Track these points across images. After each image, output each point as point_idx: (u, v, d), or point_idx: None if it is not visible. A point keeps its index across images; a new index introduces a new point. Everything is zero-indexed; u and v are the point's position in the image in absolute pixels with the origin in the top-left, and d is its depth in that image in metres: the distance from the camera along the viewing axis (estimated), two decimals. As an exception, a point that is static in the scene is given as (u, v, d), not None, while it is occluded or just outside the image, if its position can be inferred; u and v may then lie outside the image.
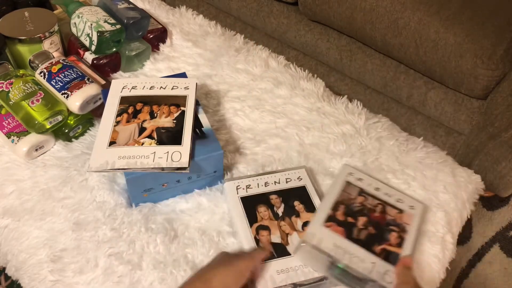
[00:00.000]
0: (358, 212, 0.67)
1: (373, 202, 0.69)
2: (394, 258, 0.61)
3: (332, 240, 0.62)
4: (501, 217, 1.22)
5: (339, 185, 0.71)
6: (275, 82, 0.91)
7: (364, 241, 0.63)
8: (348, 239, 0.63)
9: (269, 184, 0.71)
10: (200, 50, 0.97)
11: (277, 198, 0.69)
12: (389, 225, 0.66)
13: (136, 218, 0.68)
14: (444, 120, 1.11)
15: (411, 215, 0.68)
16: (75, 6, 0.86)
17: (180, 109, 0.71)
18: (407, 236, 0.65)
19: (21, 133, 0.74)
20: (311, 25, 1.25)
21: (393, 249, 0.63)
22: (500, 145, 0.99)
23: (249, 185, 0.70)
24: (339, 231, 0.64)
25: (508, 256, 1.15)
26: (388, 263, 0.60)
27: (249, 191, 0.69)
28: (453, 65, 0.97)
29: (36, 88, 0.75)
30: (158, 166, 0.63)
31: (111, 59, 0.88)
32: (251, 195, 0.69)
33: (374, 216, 0.67)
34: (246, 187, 0.70)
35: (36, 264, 0.64)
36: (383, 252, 0.62)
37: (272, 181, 0.71)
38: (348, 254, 0.60)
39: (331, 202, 0.68)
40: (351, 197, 0.69)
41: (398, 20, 1.00)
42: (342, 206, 0.67)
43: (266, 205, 0.68)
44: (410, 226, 0.66)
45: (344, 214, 0.66)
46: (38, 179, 0.72)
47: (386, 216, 0.67)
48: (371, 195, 0.70)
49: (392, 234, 0.64)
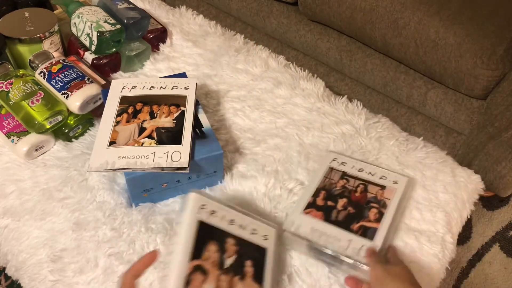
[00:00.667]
0: (339, 195, 0.70)
1: (355, 183, 0.71)
2: (372, 233, 0.63)
3: (309, 225, 0.65)
4: (501, 217, 1.22)
5: (322, 172, 0.74)
6: (275, 82, 0.91)
7: (342, 221, 0.66)
8: (327, 222, 0.66)
9: (234, 225, 0.59)
10: (200, 50, 0.97)
11: (233, 246, 0.57)
12: (369, 202, 0.68)
13: (136, 218, 0.68)
14: (444, 120, 1.11)
15: (393, 189, 0.70)
16: (75, 6, 0.86)
17: (180, 109, 0.71)
18: (386, 210, 0.67)
19: (21, 133, 0.74)
20: (311, 25, 1.25)
21: (370, 224, 0.65)
22: (500, 145, 0.99)
23: (214, 212, 0.58)
24: (318, 216, 0.66)
25: (508, 256, 1.15)
26: (364, 238, 0.63)
27: (211, 219, 0.57)
28: (453, 65, 0.97)
29: (36, 88, 0.75)
30: (158, 166, 0.63)
31: (111, 59, 0.88)
32: (211, 225, 0.56)
33: (354, 197, 0.69)
34: (210, 212, 0.57)
35: (36, 264, 0.64)
36: (360, 229, 0.64)
37: (239, 223, 0.59)
38: (324, 235, 0.64)
39: (312, 190, 0.71)
40: (333, 182, 0.72)
41: (398, 20, 1.00)
42: (323, 192, 0.70)
43: (219, 246, 0.55)
44: (390, 201, 0.68)
45: (324, 199, 0.69)
46: (38, 179, 0.72)
47: (367, 194, 0.69)
48: (354, 176, 0.72)
49: (371, 211, 0.67)
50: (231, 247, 0.56)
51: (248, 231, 0.59)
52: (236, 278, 0.54)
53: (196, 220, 0.55)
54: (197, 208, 0.56)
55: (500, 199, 1.25)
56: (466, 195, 0.76)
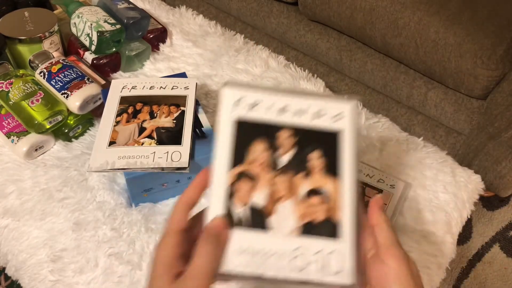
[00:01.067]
0: None
1: None
2: None
3: None
4: (501, 217, 1.22)
5: None
6: (275, 82, 0.91)
7: None
8: None
9: (287, 112, 0.45)
10: (200, 50, 0.97)
11: (289, 138, 0.44)
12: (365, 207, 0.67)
13: (136, 218, 0.68)
14: (444, 120, 1.11)
15: (389, 194, 0.69)
16: (75, 6, 0.86)
17: (180, 109, 0.71)
18: None
19: (21, 133, 0.74)
20: (311, 25, 1.25)
21: None
22: (500, 145, 0.99)
23: (255, 103, 0.45)
24: None
25: (508, 256, 1.15)
26: None
27: (253, 113, 0.44)
28: (453, 65, 0.97)
29: (36, 88, 0.75)
30: (158, 166, 0.63)
31: (111, 59, 0.88)
32: (253, 121, 0.44)
33: None
34: (250, 105, 0.45)
35: (36, 264, 0.64)
36: None
37: (294, 109, 0.45)
38: None
39: None
40: None
41: (398, 20, 1.00)
42: None
43: (269, 143, 0.44)
44: (386, 206, 0.67)
45: None
46: (38, 179, 0.72)
47: (365, 198, 0.68)
48: None
49: None
50: (285, 141, 0.44)
51: (310, 116, 0.45)
52: (299, 176, 0.42)
53: (231, 120, 0.44)
54: (231, 106, 0.45)
55: (500, 199, 1.25)
56: (466, 195, 0.76)
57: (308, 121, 0.45)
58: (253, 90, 0.45)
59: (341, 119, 0.45)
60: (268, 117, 0.44)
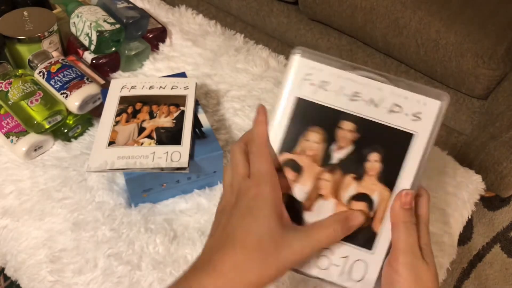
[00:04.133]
0: None
1: None
2: None
3: None
4: (502, 217, 1.22)
5: None
6: (275, 81, 0.91)
7: None
8: None
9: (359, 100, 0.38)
10: (199, 50, 0.97)
11: (350, 132, 0.39)
12: None
13: (136, 219, 0.67)
14: (444, 120, 1.11)
15: None
16: (74, 6, 0.86)
17: (179, 109, 0.71)
18: None
19: (20, 133, 0.73)
20: (312, 25, 1.24)
21: None
22: (501, 145, 0.99)
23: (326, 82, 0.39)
24: None
25: (509, 257, 1.15)
26: None
27: (319, 95, 0.39)
28: (454, 65, 0.97)
29: (35, 88, 0.75)
30: (158, 166, 0.62)
31: (110, 59, 0.87)
32: (317, 103, 0.39)
33: None
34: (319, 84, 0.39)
35: (35, 265, 0.64)
36: None
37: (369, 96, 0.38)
38: None
39: None
40: None
41: (399, 20, 1.00)
42: None
43: (326, 134, 0.39)
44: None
45: None
46: (37, 179, 0.72)
47: None
48: None
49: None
50: (345, 135, 0.38)
51: (385, 108, 0.38)
52: (349, 177, 0.38)
53: (294, 96, 0.40)
54: (299, 80, 0.40)
55: (501, 199, 1.25)
56: (467, 195, 0.76)
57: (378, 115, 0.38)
58: (327, 63, 0.39)
59: (419, 119, 0.38)
60: (334, 103, 0.38)
